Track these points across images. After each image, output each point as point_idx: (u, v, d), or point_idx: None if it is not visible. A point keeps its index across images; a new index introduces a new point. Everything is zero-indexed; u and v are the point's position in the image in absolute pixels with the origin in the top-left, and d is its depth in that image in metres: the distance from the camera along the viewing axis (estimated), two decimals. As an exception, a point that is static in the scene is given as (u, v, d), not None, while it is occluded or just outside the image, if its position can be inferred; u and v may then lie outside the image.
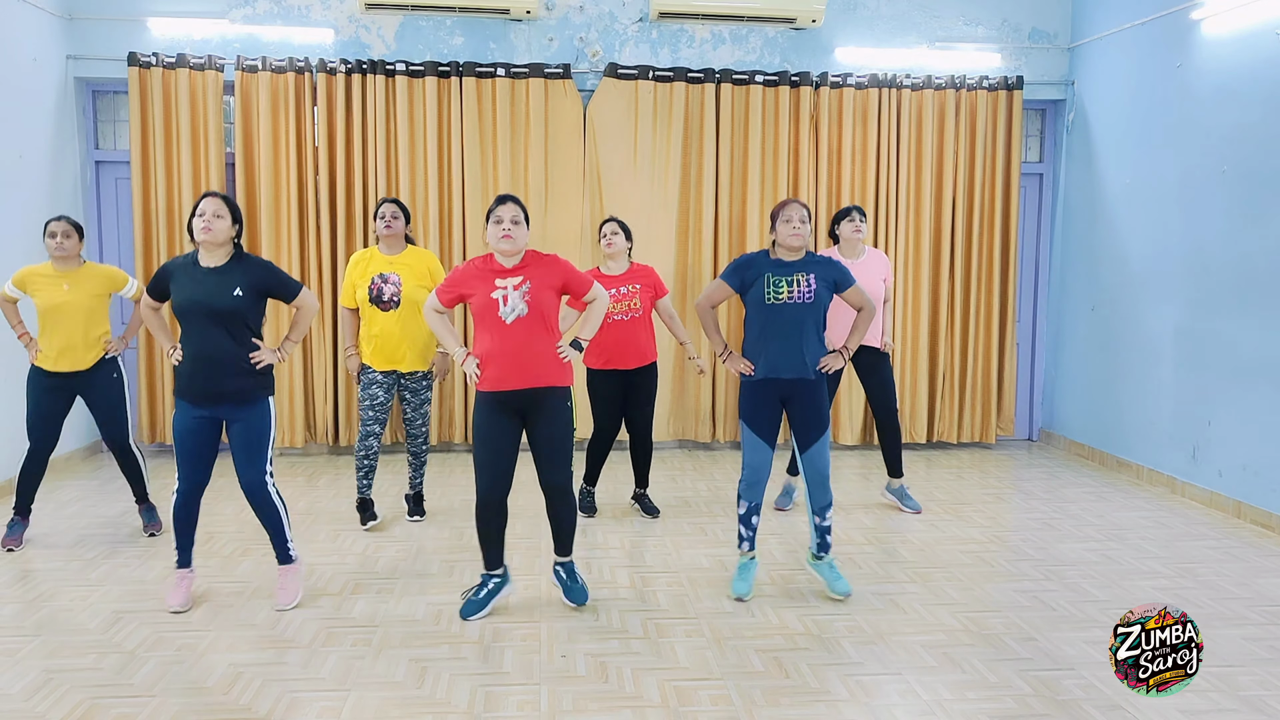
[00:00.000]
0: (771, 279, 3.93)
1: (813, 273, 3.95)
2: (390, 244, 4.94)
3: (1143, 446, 6.19)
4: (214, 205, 3.77)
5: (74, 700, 3.14)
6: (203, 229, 3.74)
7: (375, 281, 4.84)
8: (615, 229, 5.07)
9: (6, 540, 4.65)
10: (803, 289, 3.92)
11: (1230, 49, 5.46)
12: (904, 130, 6.86)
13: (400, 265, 4.89)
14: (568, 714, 3.08)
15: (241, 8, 6.51)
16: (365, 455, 4.99)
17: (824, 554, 4.13)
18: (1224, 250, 5.49)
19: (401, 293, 4.83)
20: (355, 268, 4.93)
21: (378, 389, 4.91)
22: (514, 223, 3.71)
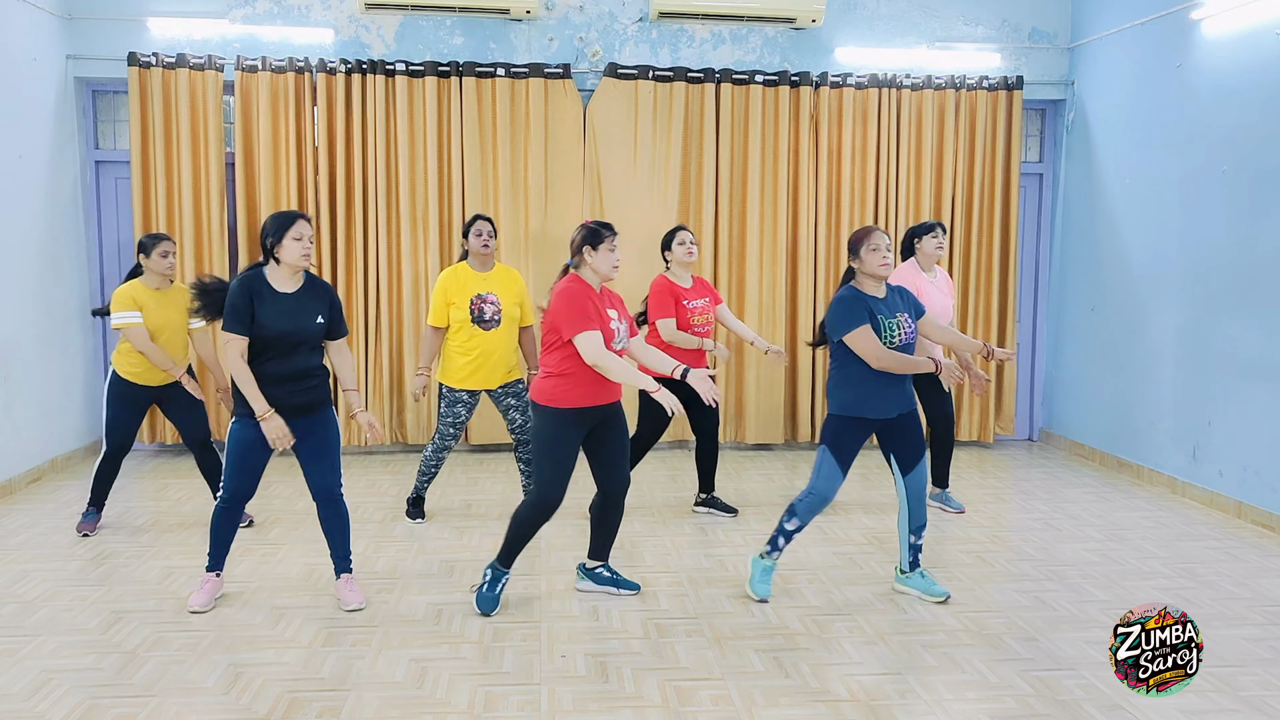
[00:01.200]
0: (885, 322, 3.84)
1: (905, 312, 3.94)
2: (483, 262, 4.98)
3: (1143, 446, 6.19)
4: (310, 230, 3.77)
5: (74, 700, 3.14)
6: (302, 255, 3.73)
7: (475, 301, 4.88)
8: (694, 239, 5.07)
9: (84, 526, 4.87)
10: (907, 331, 3.89)
11: (1230, 49, 5.46)
12: (904, 130, 6.86)
13: (494, 283, 4.95)
14: (568, 714, 3.08)
15: (241, 8, 6.51)
16: (436, 465, 5.12)
17: (914, 569, 4.09)
18: (1224, 250, 5.49)
19: (502, 312, 4.91)
20: (451, 287, 4.91)
21: (462, 408, 5.00)
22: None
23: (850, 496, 5.71)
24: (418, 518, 5.16)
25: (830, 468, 3.95)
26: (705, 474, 5.31)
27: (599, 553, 4.13)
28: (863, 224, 6.85)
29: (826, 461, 3.95)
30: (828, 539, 4.91)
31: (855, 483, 6.08)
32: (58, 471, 6.15)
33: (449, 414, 5.00)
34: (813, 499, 3.97)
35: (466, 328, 4.89)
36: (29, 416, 5.88)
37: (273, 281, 3.76)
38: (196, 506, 5.37)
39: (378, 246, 6.57)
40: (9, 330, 5.69)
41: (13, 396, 5.72)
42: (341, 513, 3.97)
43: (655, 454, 6.81)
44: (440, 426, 5.03)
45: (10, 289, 5.70)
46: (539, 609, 3.95)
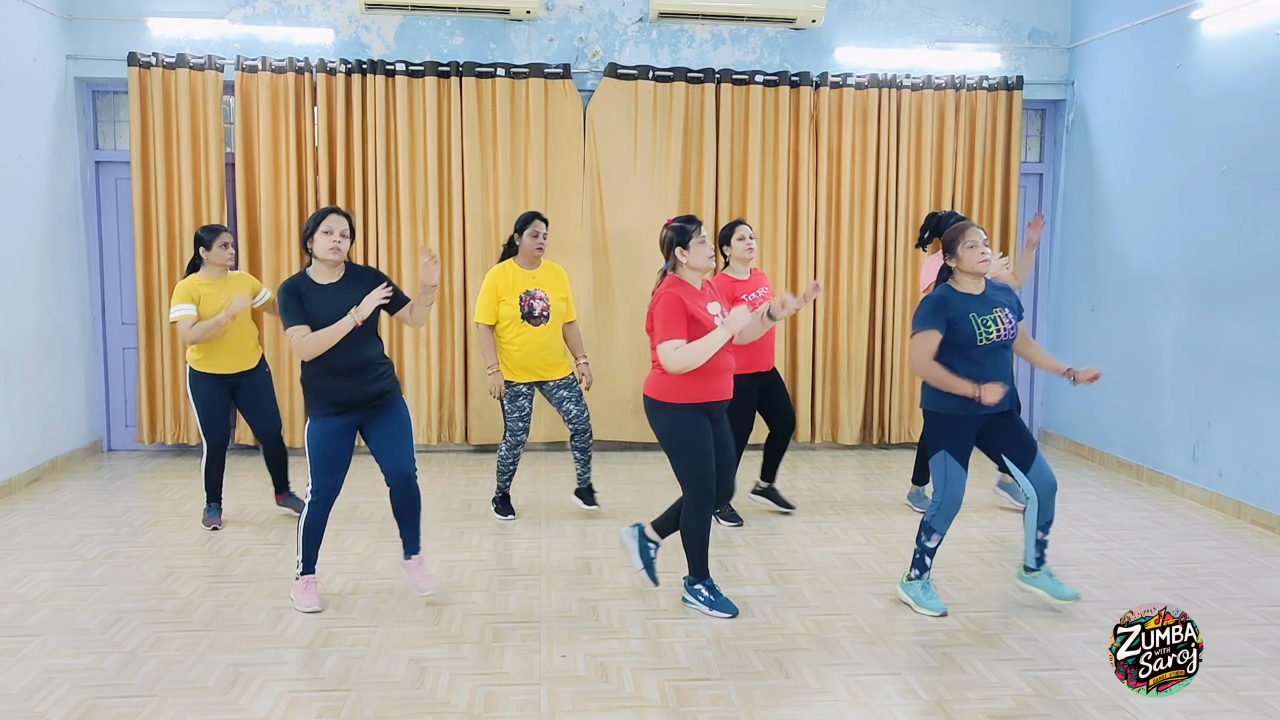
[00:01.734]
0: (978, 319, 3.74)
1: (1006, 305, 3.83)
2: (533, 260, 5.06)
3: (1143, 446, 6.19)
4: (341, 224, 3.81)
5: (74, 700, 3.14)
6: (331, 248, 3.76)
7: (524, 298, 4.96)
8: (752, 232, 5.06)
9: (209, 521, 5.00)
10: (1006, 327, 3.78)
11: (1230, 49, 5.46)
12: (904, 130, 6.85)
13: (542, 280, 5.04)
14: (568, 714, 3.08)
15: (241, 8, 6.51)
16: (513, 461, 5.19)
17: (1040, 566, 3.99)
18: (1224, 250, 5.49)
19: (550, 307, 4.99)
20: (499, 283, 5.00)
21: (524, 400, 5.06)
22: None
23: (850, 496, 5.71)
24: (508, 514, 5.22)
25: (953, 470, 3.84)
26: (769, 464, 5.33)
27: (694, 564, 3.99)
28: (863, 224, 6.87)
29: (949, 466, 3.84)
30: (828, 539, 4.91)
31: (855, 483, 6.08)
32: (58, 471, 6.15)
33: (513, 409, 5.06)
34: (945, 508, 3.86)
35: (517, 324, 4.95)
36: (29, 416, 5.88)
37: (314, 277, 3.84)
38: (196, 506, 5.37)
39: (378, 247, 6.56)
40: (9, 330, 5.69)
41: (13, 396, 5.72)
42: (414, 495, 4.03)
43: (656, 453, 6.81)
44: (509, 424, 5.09)
45: (10, 289, 5.71)
46: (539, 609, 3.95)
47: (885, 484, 6.07)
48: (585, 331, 6.70)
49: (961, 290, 3.81)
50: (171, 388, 6.51)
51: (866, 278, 6.91)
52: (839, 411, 6.99)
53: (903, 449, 7.07)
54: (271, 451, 5.08)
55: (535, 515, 5.29)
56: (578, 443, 5.19)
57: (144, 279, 6.46)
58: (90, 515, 5.20)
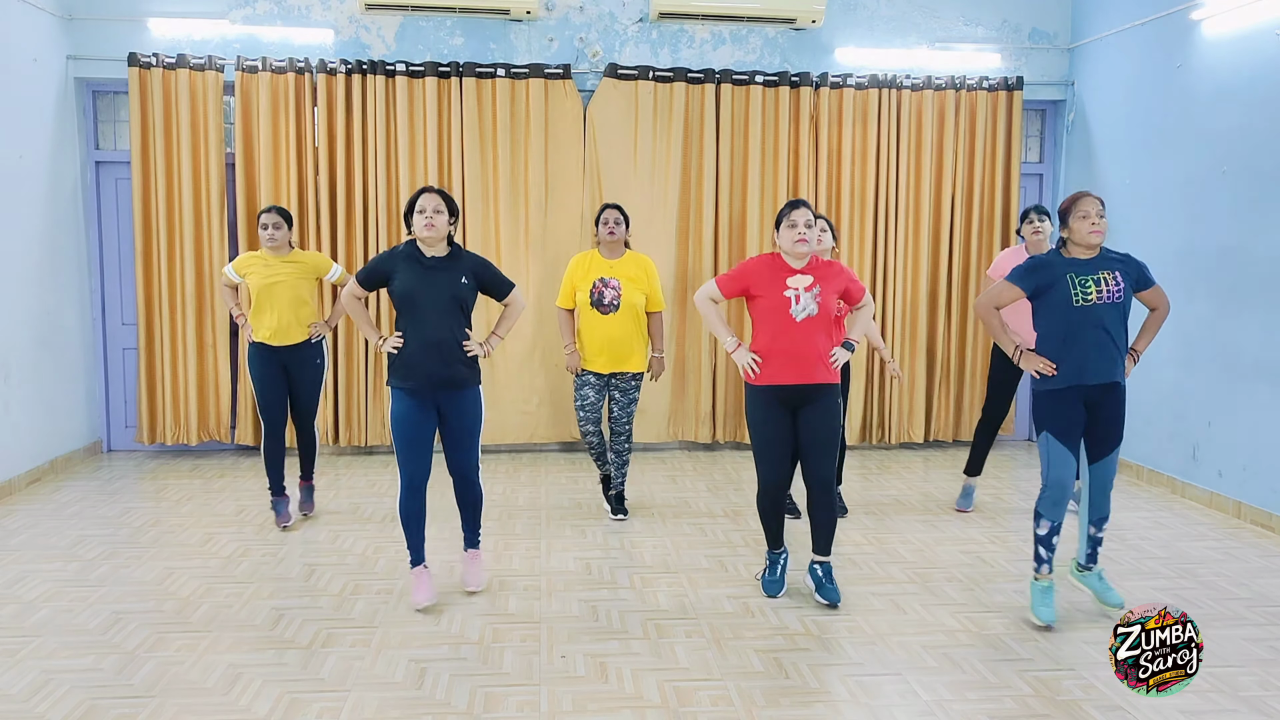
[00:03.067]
0: (1076, 279, 3.65)
1: (1117, 270, 3.70)
2: (611, 249, 5.06)
3: (1143, 446, 6.19)
4: (434, 202, 3.86)
5: (74, 700, 3.14)
6: (425, 225, 3.83)
7: (597, 285, 4.98)
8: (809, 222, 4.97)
9: (279, 520, 5.00)
10: (1111, 288, 3.66)
11: (1230, 49, 5.46)
12: (904, 131, 6.86)
13: (620, 271, 5.02)
14: (568, 714, 3.08)
15: (241, 8, 6.51)
16: (590, 450, 5.24)
17: (1092, 565, 3.93)
18: (1224, 250, 5.49)
19: (621, 297, 4.97)
20: (576, 270, 5.08)
21: (589, 389, 5.08)
22: (807, 225, 3.89)
23: (850, 496, 5.71)
24: (617, 514, 5.21)
25: (1057, 451, 3.74)
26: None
27: (814, 546, 4.09)
28: (863, 224, 6.87)
29: (1051, 447, 3.75)
30: (828, 539, 4.91)
31: (855, 483, 6.08)
32: (58, 471, 6.15)
33: (578, 397, 5.11)
34: (1050, 492, 3.76)
35: (586, 310, 5.00)
36: (29, 416, 5.88)
37: (422, 248, 3.92)
38: (196, 506, 5.38)
39: (378, 247, 6.56)
40: (9, 330, 5.69)
41: (13, 396, 5.72)
42: (473, 495, 4.11)
43: (655, 455, 6.82)
44: (576, 413, 5.14)
45: (10, 289, 5.71)
46: (539, 609, 3.95)
47: (885, 484, 6.07)
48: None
49: (1067, 256, 3.74)
50: (171, 388, 6.51)
51: (866, 277, 6.90)
52: (839, 412, 6.98)
53: (903, 449, 7.08)
54: (301, 438, 5.12)
55: (536, 515, 5.29)
56: (614, 444, 5.22)
57: (144, 279, 6.45)
58: (90, 515, 5.20)
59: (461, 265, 3.94)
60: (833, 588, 4.00)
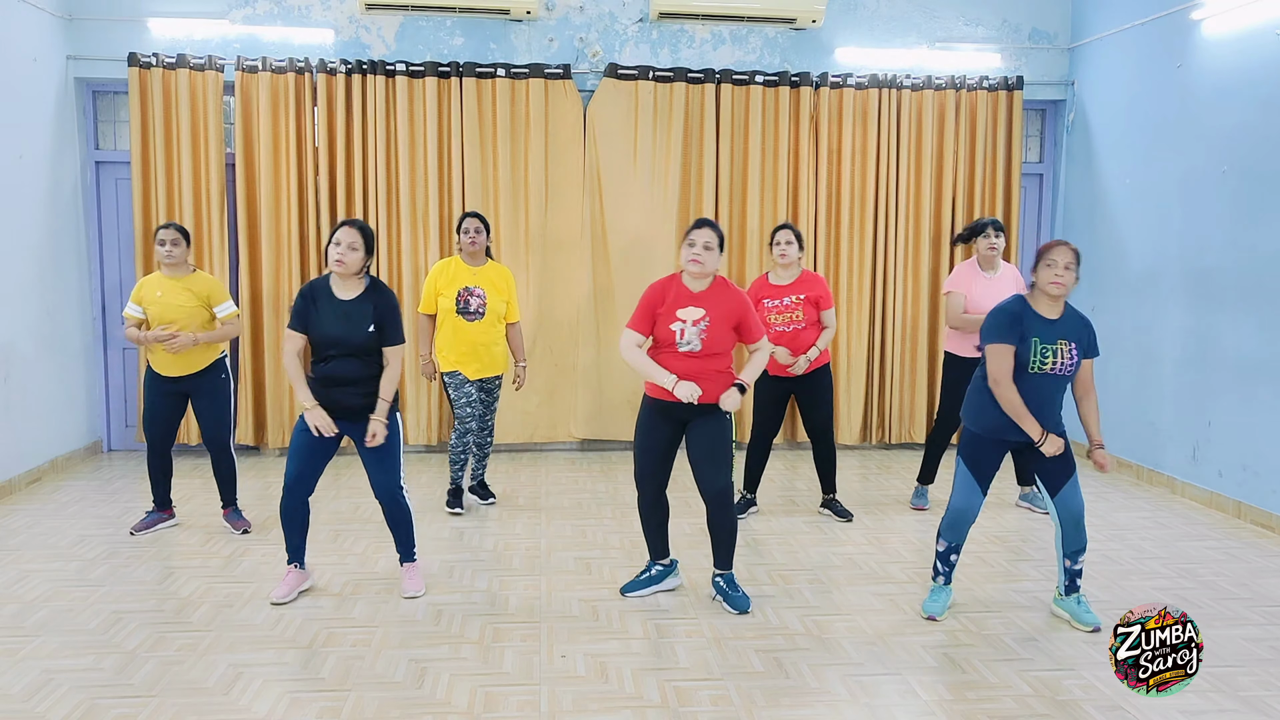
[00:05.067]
0: (1038, 345, 3.60)
1: (1074, 341, 3.64)
2: (474, 257, 5.13)
3: (1143, 446, 6.19)
4: (349, 236, 3.82)
5: (74, 700, 3.14)
6: (336, 260, 3.80)
7: (462, 294, 5.03)
8: (790, 238, 5.01)
9: (136, 525, 4.89)
10: (1065, 361, 3.62)
11: (1230, 49, 5.46)
12: (904, 130, 6.85)
13: (483, 279, 5.10)
14: (568, 714, 3.08)
15: (241, 8, 6.51)
16: (463, 450, 5.23)
17: (1071, 594, 3.86)
18: (1224, 250, 5.49)
19: (486, 305, 5.05)
20: (440, 276, 5.12)
21: (471, 387, 5.12)
22: (706, 247, 3.79)
23: (850, 496, 5.71)
24: (454, 507, 5.27)
25: (964, 482, 3.79)
26: (820, 477, 5.32)
27: (716, 560, 4.04)
28: (863, 224, 6.87)
29: (961, 476, 3.80)
30: (828, 539, 4.91)
31: (855, 483, 6.08)
32: (58, 471, 6.15)
33: (459, 396, 5.13)
34: (950, 517, 3.82)
35: (452, 318, 5.05)
36: (29, 416, 5.88)
37: (333, 287, 3.89)
38: (196, 507, 5.37)
39: (377, 247, 6.56)
40: (9, 330, 5.69)
41: (13, 396, 5.72)
42: (401, 512, 4.09)
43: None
44: (456, 410, 5.16)
45: (10, 289, 5.70)
46: (539, 609, 3.95)
47: (885, 484, 6.07)
48: (585, 331, 6.71)
49: (1035, 309, 3.65)
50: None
51: (866, 278, 6.91)
52: (839, 411, 6.98)
53: (903, 449, 7.08)
54: (216, 461, 4.95)
55: (536, 515, 5.28)
56: (477, 438, 5.33)
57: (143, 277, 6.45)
58: (90, 515, 5.20)
59: (369, 310, 3.86)
60: (739, 595, 3.96)
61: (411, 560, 4.17)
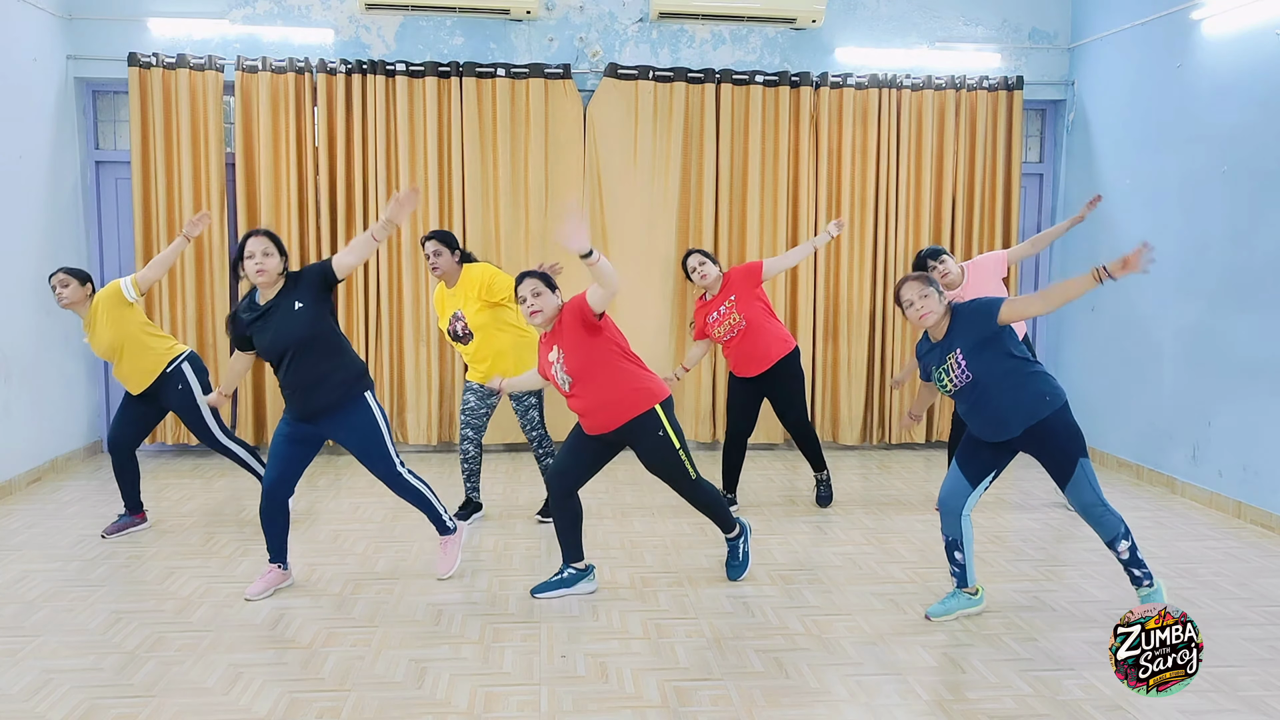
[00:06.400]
0: (936, 370, 3.69)
1: (958, 347, 3.59)
2: (447, 279, 4.88)
3: (1143, 446, 6.19)
4: (262, 244, 3.82)
5: (74, 700, 3.14)
6: (256, 270, 3.79)
7: (452, 321, 4.87)
8: (701, 260, 5.13)
9: (107, 528, 4.87)
10: (957, 374, 3.62)
11: (1230, 49, 5.46)
12: (904, 130, 6.86)
13: (459, 296, 4.84)
14: (568, 714, 3.08)
15: (241, 8, 6.51)
16: (464, 460, 5.10)
17: (1143, 585, 3.78)
18: (1224, 250, 5.49)
19: (469, 326, 4.83)
20: (437, 305, 5.01)
21: (469, 394, 5.01)
22: (534, 295, 3.83)
23: (850, 496, 5.71)
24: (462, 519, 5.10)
25: (951, 473, 3.84)
26: (812, 457, 5.38)
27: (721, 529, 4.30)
28: (863, 224, 6.87)
29: (951, 469, 3.86)
30: (828, 539, 4.91)
31: (855, 482, 6.09)
32: (58, 471, 6.15)
33: (462, 401, 5.08)
34: (940, 505, 3.84)
35: (451, 339, 4.97)
36: (29, 416, 5.88)
37: (256, 298, 3.91)
38: (196, 507, 5.38)
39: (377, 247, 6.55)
40: (9, 330, 5.69)
41: (13, 396, 5.72)
42: (409, 491, 4.12)
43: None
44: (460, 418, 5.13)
45: (10, 289, 5.71)
46: (539, 609, 3.95)
47: (885, 484, 6.07)
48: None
49: (930, 338, 3.73)
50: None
51: (867, 278, 6.91)
52: (839, 411, 6.99)
53: (903, 449, 7.08)
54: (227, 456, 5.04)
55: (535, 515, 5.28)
56: (540, 450, 5.09)
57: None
58: (90, 515, 5.20)
59: (292, 297, 3.83)
60: (735, 565, 4.27)
61: (448, 532, 4.23)
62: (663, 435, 3.91)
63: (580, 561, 4.11)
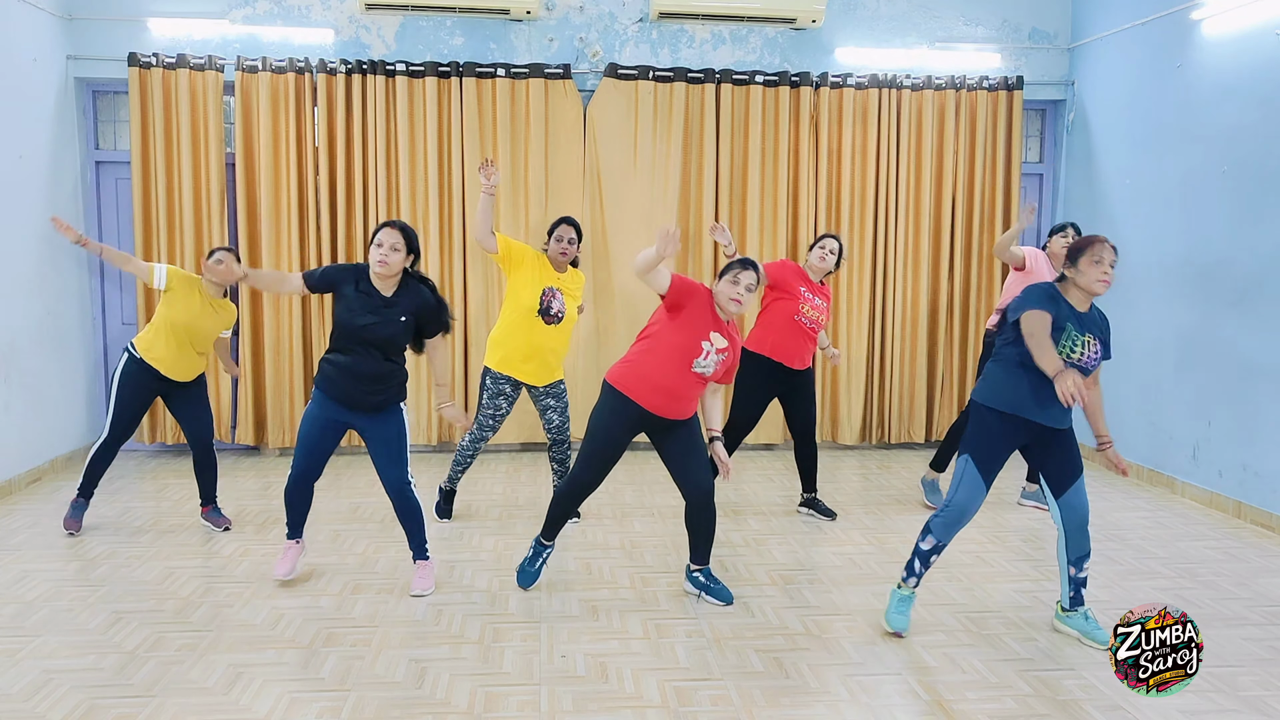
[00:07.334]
0: (1073, 333, 3.50)
1: (1099, 337, 3.57)
2: (560, 265, 4.92)
3: (1143, 446, 6.19)
4: (393, 238, 3.80)
5: (74, 700, 3.14)
6: (379, 261, 3.78)
7: (546, 294, 4.81)
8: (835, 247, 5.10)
9: (68, 523, 4.84)
10: (1090, 354, 3.54)
11: (1230, 49, 5.46)
12: (904, 130, 6.86)
13: (566, 284, 4.92)
14: (568, 714, 3.08)
15: (241, 8, 6.51)
16: (471, 455, 5.08)
17: (1078, 607, 3.69)
18: (1224, 250, 5.49)
19: (565, 310, 4.85)
20: (533, 263, 4.83)
21: (504, 400, 4.94)
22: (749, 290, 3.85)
23: (850, 496, 5.71)
24: (444, 517, 5.14)
25: (971, 478, 3.57)
26: (802, 475, 5.32)
27: (694, 556, 4.09)
28: (863, 224, 6.87)
29: (967, 471, 3.58)
30: (828, 539, 4.91)
31: (855, 482, 6.09)
32: (58, 471, 6.15)
33: (490, 405, 4.92)
34: (948, 513, 3.59)
35: (530, 317, 4.79)
36: (29, 416, 5.88)
37: (374, 283, 3.88)
38: (196, 506, 5.37)
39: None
40: (9, 330, 5.69)
41: (13, 396, 5.72)
42: (410, 505, 4.10)
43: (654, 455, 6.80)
44: (479, 417, 4.96)
45: (10, 289, 5.71)
46: (539, 609, 3.95)
47: (885, 484, 6.07)
48: (582, 331, 6.71)
49: (1069, 300, 3.55)
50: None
51: (867, 278, 6.91)
52: (839, 411, 6.99)
53: (903, 449, 7.08)
54: (199, 459, 4.94)
55: (536, 515, 5.28)
56: (555, 453, 5.09)
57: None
58: (90, 515, 5.19)
59: (404, 303, 3.88)
60: (721, 586, 4.04)
61: (424, 558, 4.17)
62: (696, 418, 4.03)
63: (552, 541, 4.19)
